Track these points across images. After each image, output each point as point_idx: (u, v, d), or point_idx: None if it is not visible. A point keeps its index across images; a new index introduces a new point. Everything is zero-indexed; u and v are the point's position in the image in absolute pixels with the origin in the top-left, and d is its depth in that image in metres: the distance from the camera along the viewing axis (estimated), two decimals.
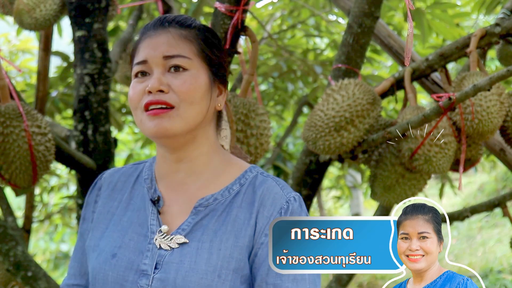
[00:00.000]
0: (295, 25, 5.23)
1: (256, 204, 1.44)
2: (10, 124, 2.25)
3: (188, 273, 1.38)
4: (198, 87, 1.44)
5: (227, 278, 1.39)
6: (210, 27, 1.56)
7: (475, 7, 3.65)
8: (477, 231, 9.64)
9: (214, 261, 1.39)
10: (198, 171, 1.50)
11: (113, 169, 1.61)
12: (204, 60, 1.47)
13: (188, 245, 1.42)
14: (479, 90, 2.09)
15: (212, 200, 1.47)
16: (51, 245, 9.22)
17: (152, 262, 1.42)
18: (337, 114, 2.41)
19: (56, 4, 3.02)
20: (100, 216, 1.54)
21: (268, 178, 1.49)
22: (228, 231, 1.43)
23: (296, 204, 1.45)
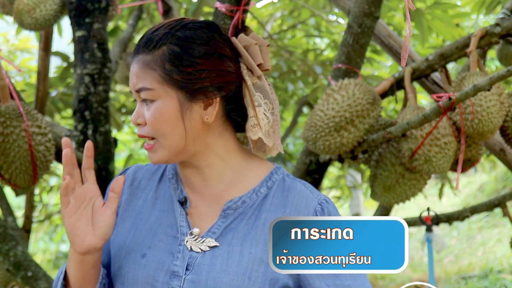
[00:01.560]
0: (295, 25, 5.23)
1: (288, 209, 1.46)
2: (10, 124, 2.25)
3: (219, 275, 1.40)
4: (166, 118, 1.41)
5: (257, 281, 1.41)
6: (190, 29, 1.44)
7: (475, 7, 3.65)
8: (477, 231, 9.64)
9: (244, 263, 1.41)
10: (216, 176, 1.50)
11: (137, 166, 1.60)
12: (170, 84, 1.41)
13: (219, 248, 1.43)
14: (479, 90, 2.09)
15: (241, 202, 1.47)
16: (50, 245, 9.22)
17: (183, 263, 1.43)
18: (337, 114, 2.41)
19: (56, 4, 3.02)
20: (125, 212, 1.54)
21: (295, 181, 1.50)
22: (258, 235, 1.44)
23: (330, 205, 1.47)
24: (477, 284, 7.42)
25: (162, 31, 1.44)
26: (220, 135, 1.48)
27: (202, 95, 1.42)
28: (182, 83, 1.41)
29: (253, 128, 1.49)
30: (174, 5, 4.04)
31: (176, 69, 1.41)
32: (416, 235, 10.32)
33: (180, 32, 1.43)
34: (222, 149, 1.49)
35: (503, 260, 7.96)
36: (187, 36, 1.43)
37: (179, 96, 1.41)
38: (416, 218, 3.24)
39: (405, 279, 8.41)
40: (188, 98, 1.42)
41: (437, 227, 3.31)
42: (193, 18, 1.51)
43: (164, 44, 1.42)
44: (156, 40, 1.43)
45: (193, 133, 1.44)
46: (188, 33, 1.44)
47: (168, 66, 1.41)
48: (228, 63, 1.46)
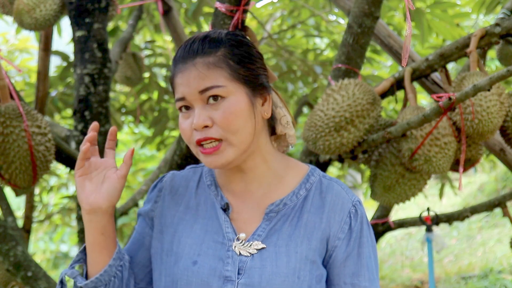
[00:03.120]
0: (295, 25, 5.23)
1: (326, 210, 1.53)
2: (10, 124, 2.25)
3: (271, 277, 1.46)
4: (239, 114, 1.46)
5: (305, 279, 1.47)
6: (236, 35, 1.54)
7: (475, 7, 3.65)
8: (477, 231, 9.64)
9: (293, 263, 1.47)
10: (258, 179, 1.56)
11: (172, 173, 1.65)
12: (238, 81, 1.47)
13: (266, 250, 1.49)
14: (479, 90, 2.09)
15: (282, 205, 1.53)
16: (50, 245, 9.22)
17: (234, 268, 1.47)
18: (337, 114, 2.41)
19: (56, 4, 3.02)
20: (166, 219, 1.58)
21: (332, 182, 1.57)
22: (301, 235, 1.50)
23: (362, 208, 1.55)
24: (477, 284, 7.42)
25: (213, 36, 1.51)
26: (265, 135, 1.56)
27: (262, 91, 1.52)
28: (248, 78, 1.49)
29: (287, 125, 1.60)
30: (174, 5, 4.04)
31: (241, 66, 1.49)
32: (416, 235, 10.32)
33: (231, 35, 1.52)
34: (266, 150, 1.56)
35: (503, 260, 7.96)
36: (240, 39, 1.53)
37: (247, 91, 1.49)
38: (416, 218, 3.25)
39: (405, 279, 8.41)
40: (253, 94, 1.50)
41: (437, 227, 3.32)
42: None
43: (223, 46, 1.49)
44: (214, 43, 1.49)
45: (257, 129, 1.51)
46: (236, 36, 1.53)
47: (233, 64, 1.48)
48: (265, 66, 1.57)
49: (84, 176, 1.50)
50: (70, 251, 9.12)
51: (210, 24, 2.27)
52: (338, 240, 1.51)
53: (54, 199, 7.50)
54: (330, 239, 1.51)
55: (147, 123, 5.27)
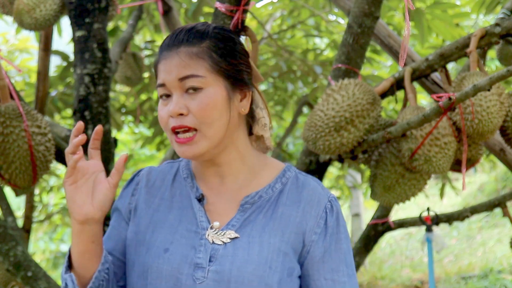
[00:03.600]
0: (295, 25, 5.23)
1: (303, 204, 1.55)
2: (10, 124, 2.25)
3: (242, 265, 1.47)
4: (215, 105, 1.48)
5: (277, 270, 1.48)
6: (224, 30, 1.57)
7: (475, 7, 3.65)
8: (477, 231, 9.64)
9: (265, 253, 1.49)
10: (233, 173, 1.58)
11: (150, 167, 1.67)
12: (218, 73, 1.50)
13: (239, 239, 1.50)
14: (479, 90, 2.09)
15: (257, 197, 1.55)
16: (50, 245, 9.22)
17: (206, 256, 1.49)
18: (337, 114, 2.41)
19: (56, 4, 3.02)
20: (142, 212, 1.59)
21: (308, 178, 1.60)
22: (275, 226, 1.52)
23: (337, 203, 1.58)
24: (477, 284, 7.42)
25: (200, 28, 1.54)
26: (243, 132, 1.58)
27: (242, 86, 1.54)
28: (229, 72, 1.51)
29: (264, 127, 1.61)
30: (174, 5, 4.04)
31: (223, 59, 1.51)
32: (416, 235, 10.32)
33: (218, 29, 1.55)
34: (242, 145, 1.58)
35: (503, 260, 7.96)
36: (225, 33, 1.55)
37: (226, 85, 1.51)
38: (416, 218, 3.24)
39: (405, 279, 8.41)
40: (232, 88, 1.52)
41: (437, 227, 3.31)
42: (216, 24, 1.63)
43: (208, 38, 1.52)
44: (200, 34, 1.52)
45: (232, 123, 1.53)
46: (223, 31, 1.56)
47: (216, 56, 1.50)
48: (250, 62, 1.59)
49: (74, 185, 1.46)
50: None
51: None
52: (314, 235, 1.53)
53: (54, 199, 7.50)
54: (307, 234, 1.53)
55: (147, 123, 5.27)
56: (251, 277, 1.46)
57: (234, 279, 1.46)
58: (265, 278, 1.46)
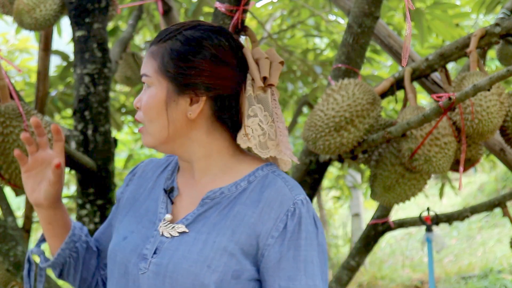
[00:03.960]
0: (294, 25, 5.23)
1: (261, 204, 1.48)
2: (10, 124, 2.25)
3: (180, 260, 1.45)
4: (153, 105, 1.51)
5: (217, 270, 1.43)
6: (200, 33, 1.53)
7: (475, 7, 3.65)
8: (477, 231, 9.64)
9: (206, 252, 1.45)
10: (202, 170, 1.57)
11: (151, 159, 1.73)
12: (163, 75, 1.51)
13: (187, 234, 1.49)
14: (479, 90, 2.09)
15: (219, 193, 1.52)
16: None
17: (152, 247, 1.50)
18: (337, 114, 2.41)
19: (56, 4, 3.02)
20: (127, 201, 1.66)
21: (278, 178, 1.52)
22: (226, 225, 1.47)
23: (303, 208, 1.47)
24: (477, 284, 7.42)
25: (174, 27, 1.55)
26: (207, 133, 1.54)
27: (190, 91, 1.50)
28: (173, 75, 1.50)
29: (243, 137, 1.54)
30: (174, 5, 4.04)
31: (172, 62, 1.51)
32: (416, 235, 10.32)
33: (188, 31, 1.53)
34: (209, 147, 1.55)
35: (503, 260, 7.97)
36: (193, 36, 1.52)
37: (169, 87, 1.51)
38: (416, 218, 3.24)
39: (405, 279, 8.41)
40: (177, 92, 1.51)
41: (437, 227, 3.31)
42: (211, 23, 1.59)
43: (170, 39, 1.52)
44: (165, 35, 1.54)
45: (176, 125, 1.51)
46: (195, 33, 1.53)
47: (166, 58, 1.51)
48: (226, 69, 1.53)
49: (27, 173, 1.61)
50: None
51: None
52: (271, 239, 1.45)
53: None
54: (262, 236, 1.45)
55: None
56: (186, 274, 1.43)
57: (170, 274, 1.44)
58: (200, 276, 1.42)
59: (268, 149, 1.56)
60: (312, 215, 1.49)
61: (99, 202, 3.05)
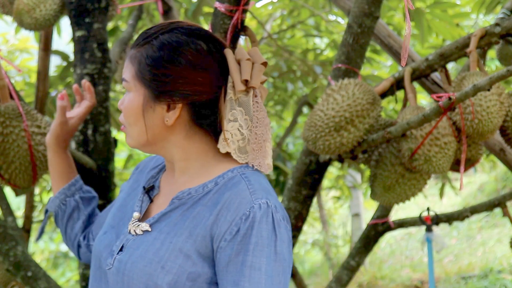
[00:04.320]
0: (294, 25, 5.23)
1: (219, 206, 1.46)
2: (9, 124, 2.25)
3: (136, 259, 1.46)
4: (130, 110, 1.53)
5: (171, 271, 1.43)
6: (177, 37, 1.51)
7: (475, 7, 3.65)
8: (477, 231, 9.64)
9: (162, 252, 1.45)
10: (181, 170, 1.58)
11: (154, 156, 1.76)
12: (140, 81, 1.51)
13: (150, 233, 1.50)
14: (479, 90, 2.09)
15: (187, 194, 1.52)
16: (50, 245, 9.22)
17: (120, 244, 1.53)
18: (337, 114, 2.41)
19: (56, 4, 3.02)
20: (123, 194, 1.71)
21: (242, 180, 1.49)
22: (185, 226, 1.47)
23: (259, 212, 1.42)
24: (477, 284, 7.42)
25: (151, 31, 1.53)
26: (186, 137, 1.54)
27: (167, 98, 1.50)
28: (149, 82, 1.50)
29: (223, 142, 1.53)
30: (174, 5, 4.04)
31: (148, 68, 1.50)
32: (416, 235, 10.32)
33: (165, 35, 1.51)
34: (188, 150, 1.55)
35: (503, 260, 7.96)
36: (169, 42, 1.50)
37: (146, 94, 1.51)
38: (416, 218, 3.24)
39: (405, 279, 8.41)
40: (153, 98, 1.50)
41: (437, 227, 3.31)
42: (190, 24, 1.55)
43: (148, 43, 1.51)
44: (143, 39, 1.52)
45: (154, 130, 1.52)
46: (171, 38, 1.51)
47: (142, 65, 1.50)
48: (203, 75, 1.50)
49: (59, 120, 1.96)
50: (69, 251, 9.12)
51: (210, 24, 2.27)
52: (223, 242, 1.42)
53: None
54: (215, 238, 1.43)
55: None
56: (141, 273, 1.43)
57: (127, 272, 1.45)
58: (154, 277, 1.42)
59: (247, 154, 1.54)
60: (272, 221, 1.43)
61: (99, 202, 3.05)
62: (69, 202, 1.87)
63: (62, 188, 1.89)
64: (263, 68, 1.55)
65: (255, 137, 1.54)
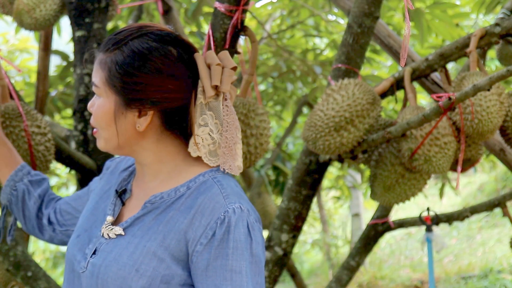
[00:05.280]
0: (294, 25, 5.23)
1: (193, 211, 1.47)
2: (9, 124, 2.25)
3: (110, 263, 1.47)
4: (102, 116, 1.52)
5: (145, 274, 1.44)
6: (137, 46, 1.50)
7: (474, 7, 3.65)
8: (477, 231, 9.64)
9: (136, 256, 1.46)
10: (153, 173, 1.58)
11: (124, 157, 1.74)
12: (110, 87, 1.51)
13: (123, 237, 1.51)
14: (479, 90, 2.09)
15: (159, 198, 1.52)
16: (50, 245, 9.22)
17: (93, 248, 1.53)
18: (337, 114, 2.41)
19: (56, 4, 3.02)
20: (94, 196, 1.71)
21: (215, 185, 1.50)
22: (159, 230, 1.48)
23: (234, 216, 1.44)
24: (477, 284, 7.42)
25: (121, 36, 1.52)
26: (157, 142, 1.55)
27: (138, 105, 1.50)
28: (120, 90, 1.50)
29: (193, 146, 1.54)
30: (174, 5, 4.04)
31: (118, 76, 1.49)
32: (416, 235, 10.32)
33: (135, 42, 1.50)
34: (160, 153, 1.56)
35: (503, 260, 7.96)
36: (138, 49, 1.50)
37: (116, 100, 1.51)
38: (416, 218, 3.24)
39: (405, 279, 8.41)
40: (124, 105, 1.51)
41: (437, 227, 3.31)
42: (159, 28, 1.55)
43: (118, 49, 1.50)
44: (112, 44, 1.52)
45: (126, 135, 1.53)
46: (141, 45, 1.50)
47: (113, 72, 1.50)
48: (173, 82, 1.50)
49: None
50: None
51: (210, 24, 2.27)
52: (199, 245, 1.43)
53: None
54: (190, 242, 1.44)
55: None
56: (115, 276, 1.45)
57: (101, 276, 1.47)
58: (128, 280, 1.43)
59: (217, 157, 1.55)
60: (247, 225, 1.45)
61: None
62: (18, 186, 1.88)
63: (9, 175, 1.89)
64: (232, 72, 1.55)
65: (226, 141, 1.55)
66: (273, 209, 4.79)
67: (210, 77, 1.52)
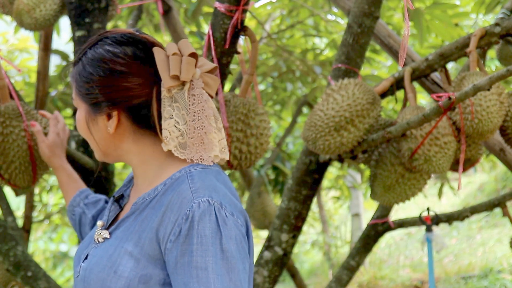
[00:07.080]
0: (294, 25, 5.23)
1: (163, 208, 1.46)
2: (9, 124, 2.25)
3: (92, 266, 1.50)
4: (80, 126, 1.61)
5: (123, 275, 1.45)
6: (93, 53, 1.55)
7: (474, 7, 3.65)
8: (477, 231, 9.64)
9: (114, 257, 1.47)
10: (142, 176, 1.60)
11: None
12: (80, 97, 1.58)
13: (108, 240, 1.54)
14: (479, 90, 2.09)
15: (142, 199, 1.54)
16: (50, 245, 9.22)
17: (86, 252, 1.58)
18: (337, 114, 2.41)
19: (56, 4, 3.02)
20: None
21: (186, 180, 1.47)
22: (135, 230, 1.49)
23: (199, 211, 1.41)
24: (477, 284, 7.42)
25: (82, 47, 1.60)
26: (135, 142, 1.57)
27: (102, 108, 1.54)
28: (85, 97, 1.56)
29: (165, 140, 1.53)
30: (174, 5, 4.04)
31: (82, 84, 1.56)
32: (416, 235, 10.33)
33: (92, 50, 1.56)
34: (142, 154, 1.58)
35: (503, 260, 7.96)
36: (93, 55, 1.55)
37: (86, 108, 1.57)
38: (416, 218, 3.24)
39: (405, 279, 8.41)
40: (92, 111, 1.56)
41: (437, 227, 3.31)
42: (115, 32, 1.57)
43: (79, 60, 1.58)
44: (77, 57, 1.59)
45: (103, 141, 1.58)
46: (96, 51, 1.55)
47: (78, 82, 1.57)
48: (129, 80, 1.52)
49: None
50: (69, 251, 9.12)
51: (210, 24, 2.27)
52: (169, 243, 1.41)
53: (53, 199, 7.50)
54: (161, 240, 1.43)
55: None
56: (96, 279, 1.47)
57: (87, 279, 1.50)
58: (107, 282, 1.45)
59: (189, 148, 1.52)
60: (216, 219, 1.41)
61: None
62: (76, 211, 2.05)
63: (70, 201, 2.08)
64: (192, 60, 1.53)
65: (193, 131, 1.51)
66: (273, 209, 4.79)
67: (169, 68, 1.52)
